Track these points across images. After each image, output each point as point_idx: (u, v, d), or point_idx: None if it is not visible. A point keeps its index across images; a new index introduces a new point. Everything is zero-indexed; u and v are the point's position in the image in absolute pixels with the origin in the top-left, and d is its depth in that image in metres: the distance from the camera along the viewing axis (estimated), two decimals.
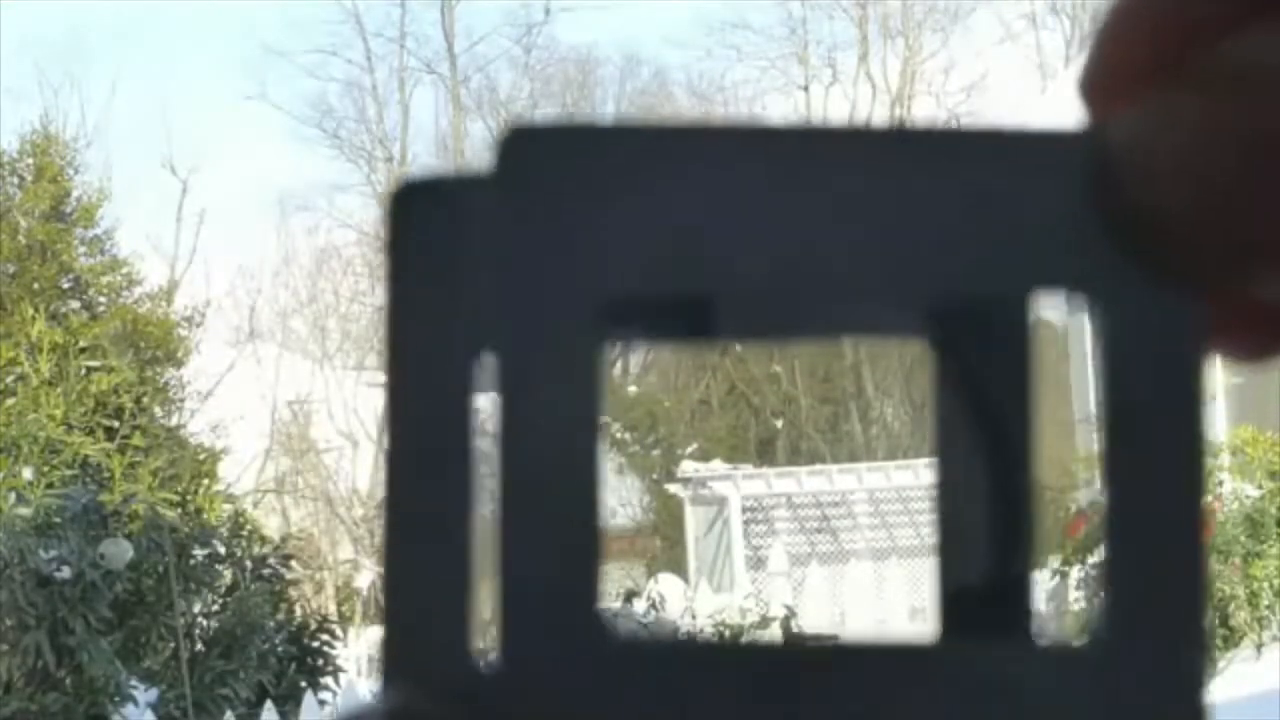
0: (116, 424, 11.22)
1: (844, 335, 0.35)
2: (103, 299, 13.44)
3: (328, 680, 10.57)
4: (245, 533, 10.99)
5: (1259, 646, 9.41)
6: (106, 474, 10.27)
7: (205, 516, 10.76)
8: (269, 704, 9.29)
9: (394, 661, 0.31)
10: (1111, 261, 0.30)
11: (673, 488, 15.84)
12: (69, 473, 9.97)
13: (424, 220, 0.31)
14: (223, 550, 10.61)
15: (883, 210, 0.31)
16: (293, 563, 11.48)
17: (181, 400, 14.36)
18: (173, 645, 9.72)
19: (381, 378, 0.32)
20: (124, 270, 13.83)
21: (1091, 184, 0.30)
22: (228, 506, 11.47)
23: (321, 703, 9.95)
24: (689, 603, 11.32)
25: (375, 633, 16.92)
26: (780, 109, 25.18)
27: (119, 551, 9.12)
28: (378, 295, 24.73)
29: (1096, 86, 0.31)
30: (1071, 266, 0.31)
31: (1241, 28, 0.29)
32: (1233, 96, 0.29)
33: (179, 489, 10.67)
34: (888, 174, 0.31)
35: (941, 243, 0.31)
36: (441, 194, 0.31)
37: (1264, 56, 0.29)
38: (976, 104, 23.82)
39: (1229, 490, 9.35)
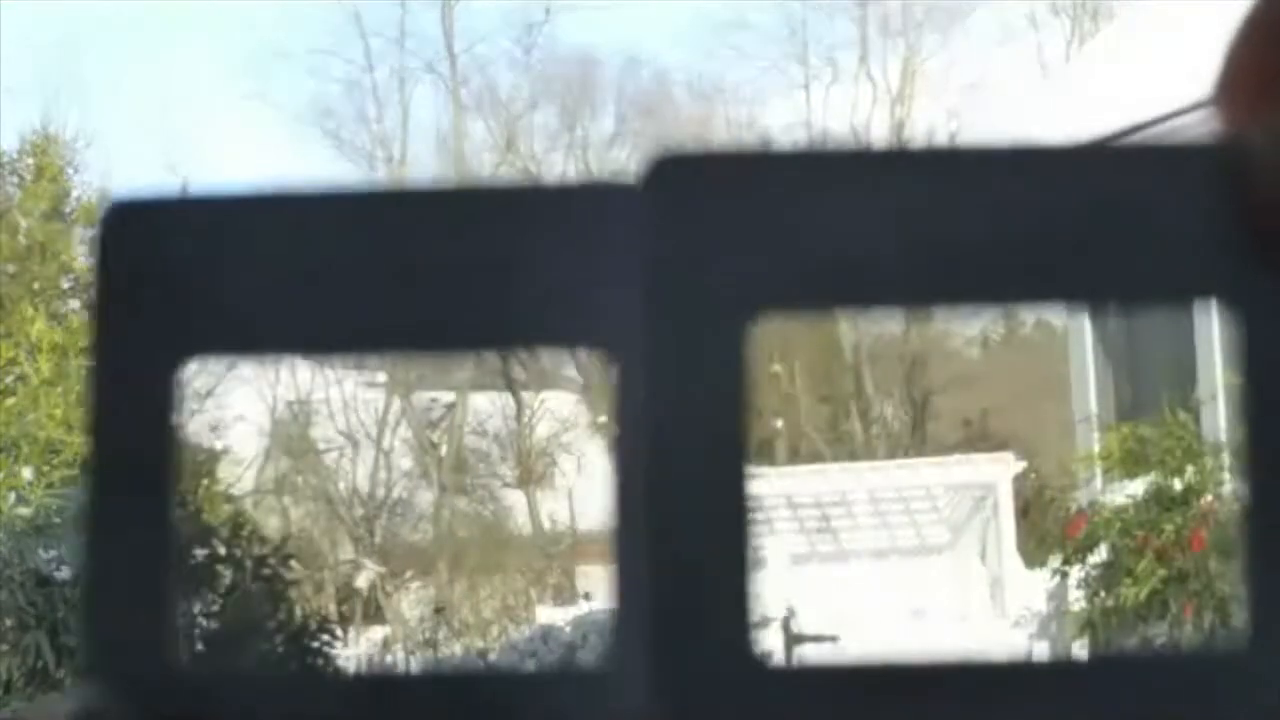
0: None
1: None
2: None
3: None
4: (245, 533, 10.99)
5: None
6: None
7: (205, 517, 10.77)
8: None
9: (90, 661, 0.31)
10: (1254, 267, 0.31)
11: None
12: (69, 473, 9.97)
13: (135, 237, 0.33)
14: (223, 550, 10.60)
15: (1025, 223, 0.32)
16: (293, 563, 11.48)
17: (181, 400, 14.36)
18: None
19: (380, 378, 0.32)
20: None
21: (1234, 190, 0.30)
22: (228, 507, 11.47)
23: None
24: None
25: (375, 633, 16.94)
26: (780, 109, 25.20)
27: None
28: None
29: (1234, 93, 0.31)
30: (1214, 274, 0.31)
31: None
32: None
33: (179, 489, 10.66)
34: (1029, 188, 0.32)
35: (1083, 255, 0.32)
36: (150, 213, 0.33)
37: None
38: (976, 104, 23.84)
39: (1230, 490, 9.35)
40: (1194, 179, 0.31)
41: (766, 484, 15.13)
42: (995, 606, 12.86)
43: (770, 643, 11.61)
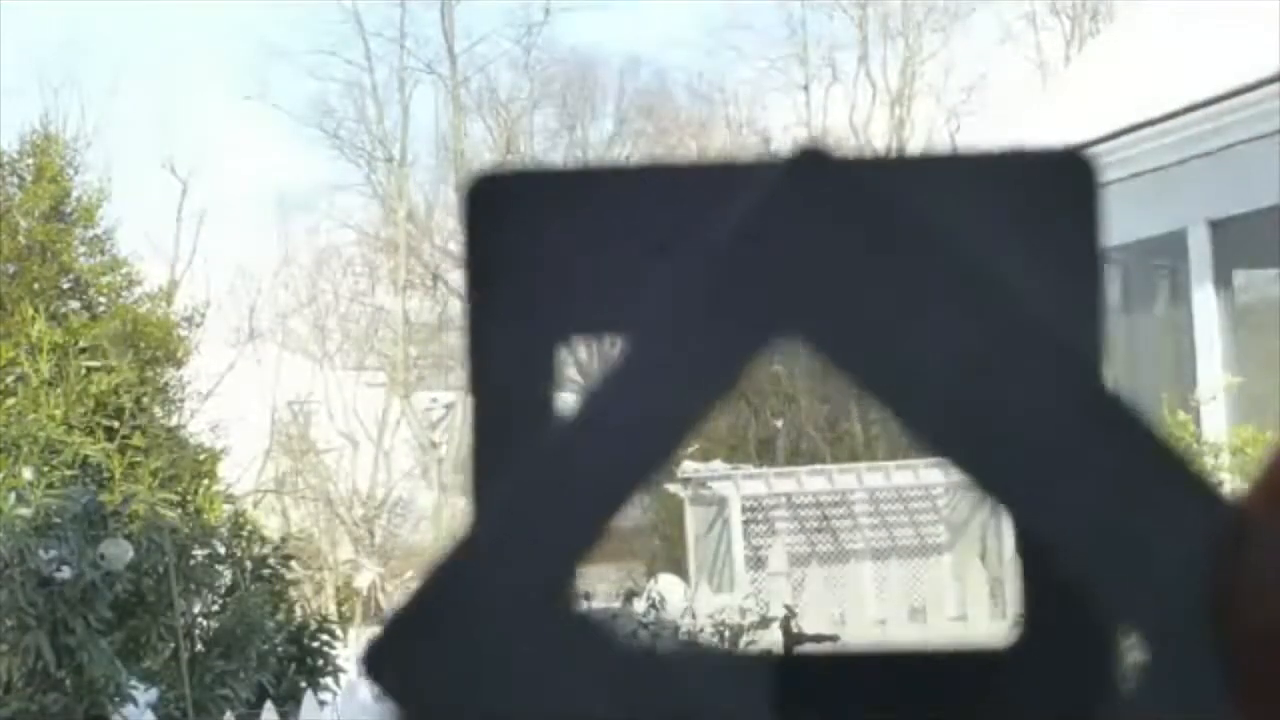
0: (116, 424, 11.22)
1: None
2: (103, 299, 13.43)
3: (328, 680, 10.57)
4: (245, 533, 10.99)
5: None
6: (106, 474, 10.26)
7: (205, 517, 10.76)
8: (269, 704, 9.29)
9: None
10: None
11: (673, 488, 15.83)
12: (69, 473, 9.96)
13: (506, 212, 0.32)
14: (223, 550, 10.60)
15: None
16: (293, 563, 11.48)
17: (181, 400, 14.35)
18: (173, 645, 9.71)
19: (381, 379, 0.32)
20: (124, 270, 13.82)
21: (1216, 586, 0.31)
22: (228, 507, 11.47)
23: (321, 703, 9.95)
24: (689, 603, 11.31)
25: (375, 633, 16.92)
26: (780, 109, 25.19)
27: (119, 552, 9.12)
28: (378, 295, 24.76)
29: (1262, 497, 0.31)
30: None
31: None
32: None
33: (179, 489, 10.67)
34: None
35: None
36: (516, 187, 0.32)
37: None
38: (976, 104, 23.84)
39: (1229, 490, 9.34)
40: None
41: (766, 484, 15.12)
42: (995, 607, 12.86)
43: (770, 642, 11.61)
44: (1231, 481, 9.46)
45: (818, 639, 12.07)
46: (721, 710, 0.31)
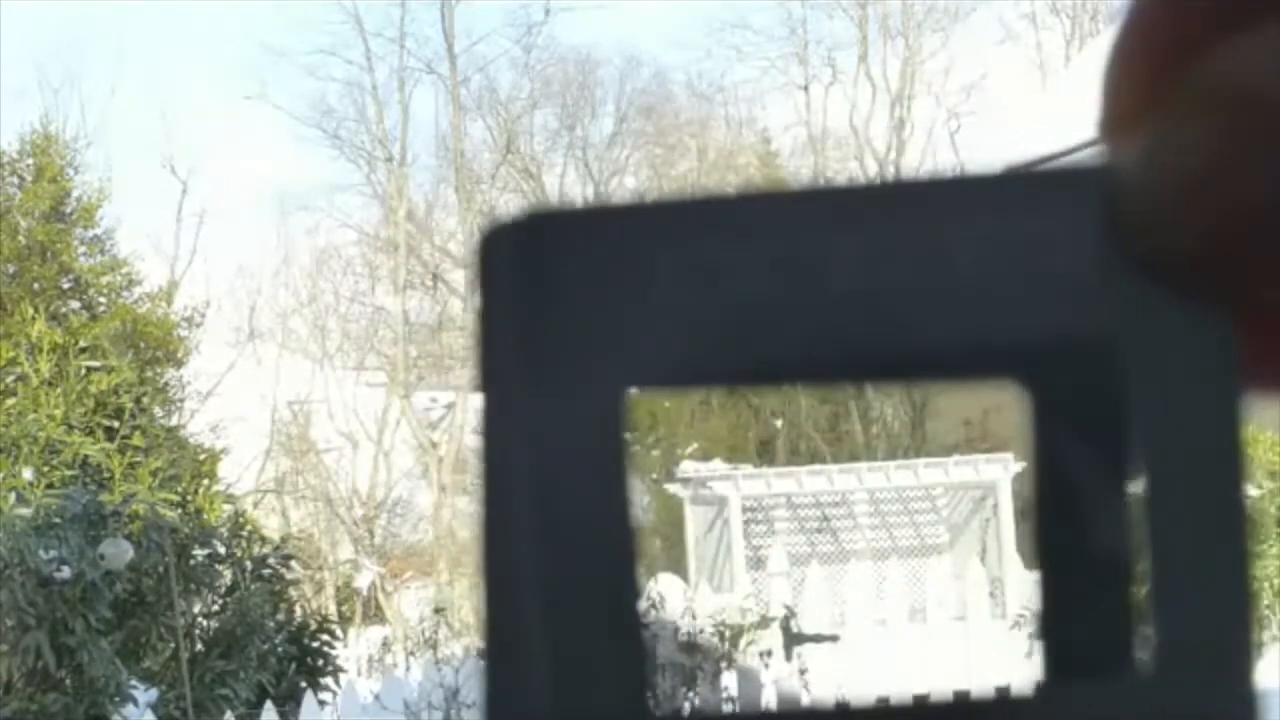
0: (116, 424, 11.22)
1: (924, 379, 0.34)
2: (103, 299, 13.44)
3: (328, 680, 10.57)
4: (245, 533, 10.99)
5: (1259, 646, 9.42)
6: (106, 474, 10.27)
7: (205, 517, 10.77)
8: (269, 704, 9.29)
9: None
10: (1140, 299, 0.30)
11: (673, 488, 15.84)
12: (69, 473, 9.97)
13: (551, 257, 0.31)
14: (223, 550, 10.61)
15: (911, 262, 0.31)
16: (293, 563, 11.49)
17: (181, 400, 14.37)
18: (173, 645, 9.71)
19: (380, 379, 0.32)
20: (124, 270, 13.84)
21: (1107, 220, 0.30)
22: (228, 507, 11.48)
23: (321, 703, 9.96)
24: (689, 603, 11.31)
25: (375, 633, 16.93)
26: (780, 109, 25.19)
27: (119, 551, 9.12)
28: (378, 295, 24.77)
29: (1107, 121, 0.31)
30: (1098, 308, 0.30)
31: (1236, 36, 0.29)
32: (1218, 111, 0.29)
33: (179, 489, 10.67)
34: (911, 225, 0.31)
35: (974, 290, 0.31)
36: (556, 229, 0.31)
37: (1252, 64, 0.29)
38: (976, 104, 23.83)
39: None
40: (1082, 207, 0.31)
41: (766, 484, 15.13)
42: (995, 607, 12.86)
43: (771, 643, 11.61)
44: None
45: (817, 639, 12.07)
46: None
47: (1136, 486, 0.30)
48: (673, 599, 11.28)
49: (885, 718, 0.31)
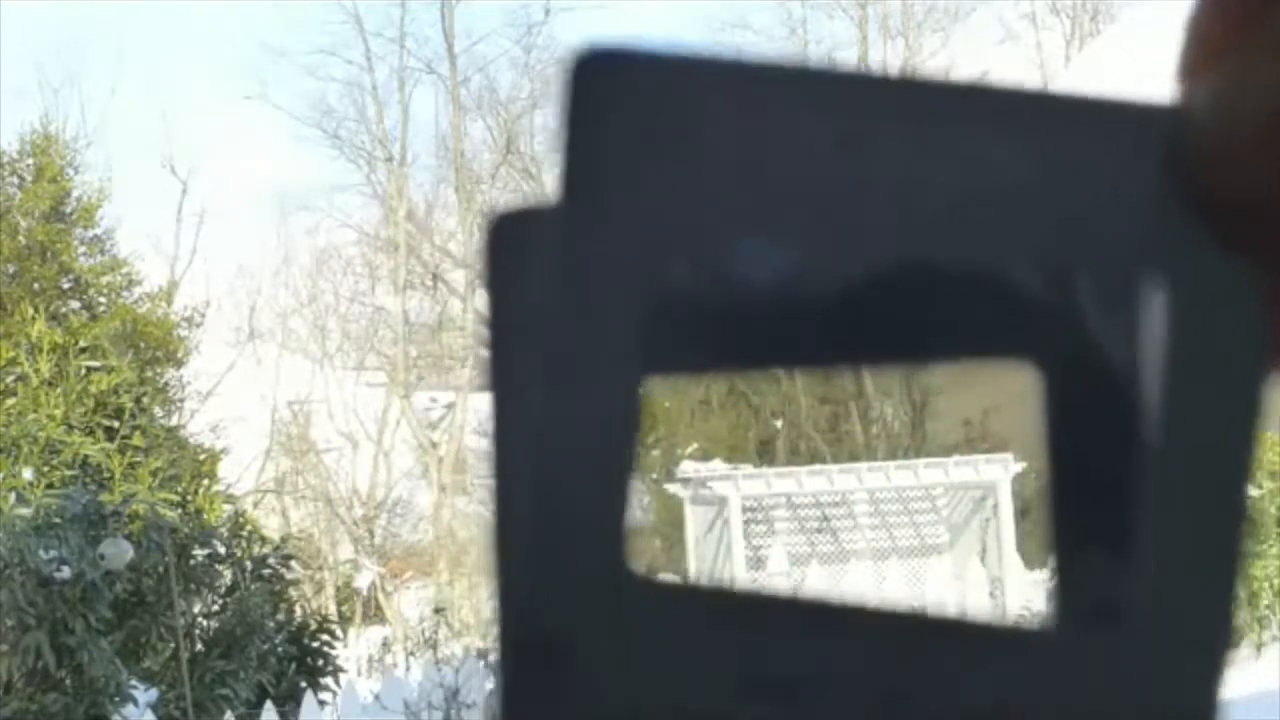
0: (116, 424, 11.22)
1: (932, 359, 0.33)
2: (103, 299, 13.44)
3: (328, 680, 10.57)
4: (245, 533, 10.99)
5: (1259, 646, 9.42)
6: (106, 474, 10.27)
7: (205, 517, 10.76)
8: (269, 704, 9.29)
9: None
10: (1188, 242, 0.29)
11: (672, 488, 15.83)
12: (69, 473, 9.97)
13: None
14: (223, 550, 10.60)
15: (956, 185, 0.30)
16: (293, 563, 11.48)
17: (181, 400, 14.37)
18: (173, 645, 9.71)
19: (380, 379, 0.31)
20: (124, 270, 13.83)
21: (1169, 157, 0.29)
22: (228, 507, 11.47)
23: (321, 703, 9.95)
24: None
25: (375, 633, 16.94)
26: None
27: (119, 551, 9.12)
28: (378, 295, 24.76)
29: (1187, 61, 0.30)
30: (1142, 246, 0.29)
31: None
32: None
33: (179, 489, 10.67)
34: (960, 140, 0.30)
35: (1024, 223, 0.30)
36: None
37: None
38: None
39: None
40: (1136, 143, 0.30)
41: (766, 484, 15.12)
42: (995, 607, 12.86)
43: None
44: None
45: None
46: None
47: (1147, 455, 0.30)
48: None
49: (894, 624, 0.31)
